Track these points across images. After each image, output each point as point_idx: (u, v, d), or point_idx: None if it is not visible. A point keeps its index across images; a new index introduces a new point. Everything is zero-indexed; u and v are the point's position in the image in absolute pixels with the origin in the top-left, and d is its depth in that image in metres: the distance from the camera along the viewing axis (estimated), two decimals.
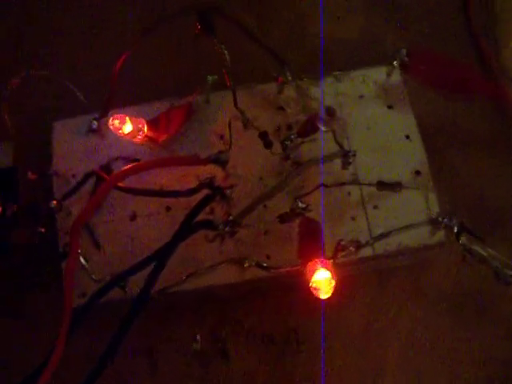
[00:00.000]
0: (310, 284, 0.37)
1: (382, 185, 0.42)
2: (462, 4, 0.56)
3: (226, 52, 0.41)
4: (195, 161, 0.40)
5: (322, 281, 0.37)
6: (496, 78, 0.52)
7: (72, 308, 0.37)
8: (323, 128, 0.41)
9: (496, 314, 0.46)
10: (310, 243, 0.39)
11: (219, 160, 0.42)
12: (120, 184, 0.40)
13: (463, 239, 0.41)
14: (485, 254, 0.40)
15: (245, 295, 0.46)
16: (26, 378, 0.36)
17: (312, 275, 0.37)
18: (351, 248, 0.41)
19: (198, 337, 0.45)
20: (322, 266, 0.37)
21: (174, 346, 0.46)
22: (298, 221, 0.42)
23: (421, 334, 0.46)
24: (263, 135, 0.43)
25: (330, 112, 0.40)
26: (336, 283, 0.37)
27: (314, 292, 0.37)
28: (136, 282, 0.40)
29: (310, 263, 0.37)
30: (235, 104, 0.42)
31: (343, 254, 0.41)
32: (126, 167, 0.38)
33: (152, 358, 0.45)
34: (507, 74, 0.52)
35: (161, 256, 0.38)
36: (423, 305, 0.46)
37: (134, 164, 0.38)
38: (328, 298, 0.38)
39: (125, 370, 0.41)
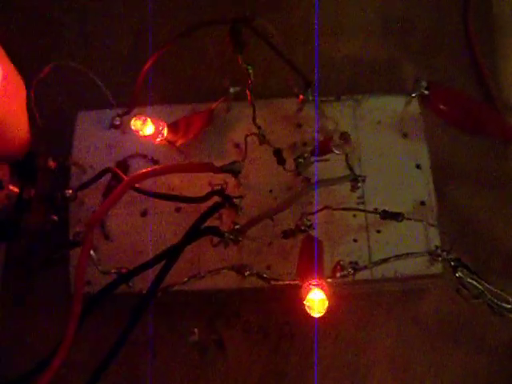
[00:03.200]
0: (305, 302, 0.38)
1: (385, 213, 0.43)
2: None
3: (251, 72, 0.43)
4: (210, 168, 0.42)
5: (316, 301, 0.38)
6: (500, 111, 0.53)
7: (81, 302, 0.38)
8: (336, 152, 0.42)
9: (487, 339, 0.47)
10: (310, 261, 0.40)
11: (232, 169, 0.43)
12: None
13: (459, 273, 0.42)
14: (480, 287, 0.42)
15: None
16: (33, 368, 0.38)
17: (307, 294, 0.38)
18: (349, 270, 0.43)
19: (196, 329, 0.47)
20: (317, 287, 0.38)
21: (172, 338, 0.47)
22: (301, 237, 0.43)
23: (404, 351, 0.47)
24: (277, 152, 0.44)
25: (344, 137, 0.41)
26: (330, 304, 0.38)
27: (307, 310, 0.38)
28: (140, 279, 0.42)
29: (306, 282, 0.38)
30: (254, 120, 0.43)
31: (341, 274, 0.43)
32: (144, 170, 0.40)
33: (151, 348, 0.47)
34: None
35: (168, 257, 0.40)
36: (409, 326, 0.48)
37: (152, 168, 0.39)
38: None
39: (124, 361, 0.42)
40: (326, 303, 0.38)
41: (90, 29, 0.57)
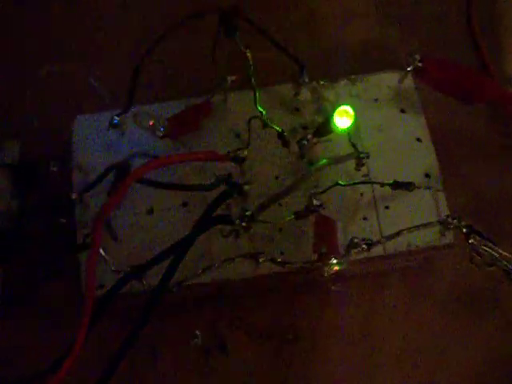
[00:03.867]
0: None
1: (396, 184, 0.43)
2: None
3: (249, 54, 0.43)
4: (214, 156, 0.42)
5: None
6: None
7: (93, 299, 0.38)
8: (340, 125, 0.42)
9: (504, 312, 0.47)
10: (325, 238, 0.40)
11: (237, 157, 0.43)
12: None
13: (472, 240, 0.42)
14: (494, 254, 0.42)
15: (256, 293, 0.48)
16: (46, 369, 0.37)
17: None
18: (363, 246, 0.43)
19: (198, 332, 0.46)
20: None
21: (175, 341, 0.47)
22: (312, 218, 0.43)
23: (418, 331, 0.47)
24: (281, 134, 0.44)
25: (345, 111, 0.42)
26: None
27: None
28: (154, 275, 0.41)
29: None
30: (255, 103, 0.43)
31: (355, 251, 0.42)
32: (148, 161, 0.39)
33: (153, 351, 0.46)
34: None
35: (180, 248, 0.39)
36: (423, 304, 0.48)
37: (156, 158, 0.39)
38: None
39: (124, 363, 0.41)
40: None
41: (87, 29, 0.57)
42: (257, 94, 0.43)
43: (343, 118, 0.43)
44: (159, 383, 0.46)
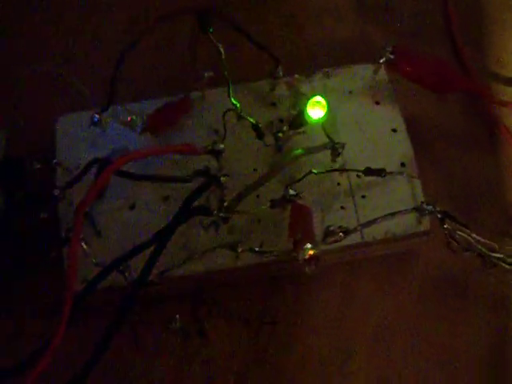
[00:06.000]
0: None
1: (368, 171, 0.44)
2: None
3: (221, 50, 0.44)
4: (191, 150, 0.43)
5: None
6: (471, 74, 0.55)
7: (73, 292, 0.39)
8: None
9: (478, 298, 0.48)
10: (301, 225, 0.41)
11: (214, 150, 0.44)
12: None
13: (447, 225, 0.43)
14: (469, 239, 0.43)
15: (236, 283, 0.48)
16: (23, 361, 0.37)
17: None
18: (340, 234, 0.43)
19: (177, 316, 0.47)
20: None
21: (155, 325, 0.47)
22: (289, 208, 0.44)
23: (393, 316, 0.47)
24: (256, 126, 0.45)
25: (317, 102, 0.43)
26: None
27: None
28: (136, 268, 0.42)
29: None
30: (229, 95, 0.45)
31: (332, 239, 0.43)
32: (126, 154, 0.41)
33: (133, 336, 0.47)
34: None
35: (160, 239, 0.40)
36: (400, 290, 0.48)
37: (134, 151, 0.40)
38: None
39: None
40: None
41: (67, 29, 0.58)
42: (230, 88, 0.45)
43: (316, 109, 0.44)
44: (140, 368, 0.46)
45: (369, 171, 0.44)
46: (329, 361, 0.46)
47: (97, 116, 0.47)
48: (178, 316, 0.46)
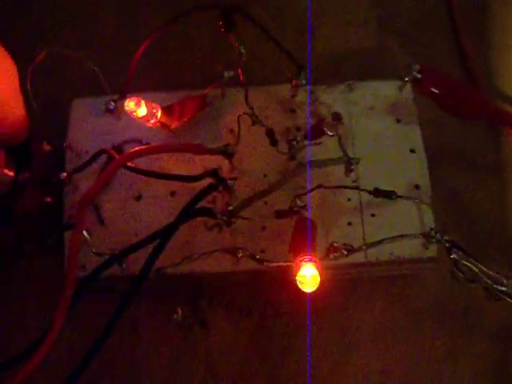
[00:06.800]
0: (296, 277, 0.38)
1: (377, 191, 0.43)
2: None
3: (243, 51, 0.43)
4: (203, 150, 0.42)
5: (308, 276, 0.38)
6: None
7: (74, 281, 0.39)
8: (329, 132, 0.42)
9: (479, 327, 0.47)
10: (302, 239, 0.40)
11: (226, 152, 0.43)
12: (129, 164, 0.42)
13: (454, 255, 0.42)
14: (476, 270, 0.42)
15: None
16: (23, 350, 0.38)
17: (298, 270, 0.38)
18: (343, 251, 0.43)
19: (179, 308, 0.47)
20: (310, 261, 0.38)
21: (156, 316, 0.48)
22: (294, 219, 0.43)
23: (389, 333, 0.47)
24: (270, 133, 0.44)
25: (336, 117, 0.42)
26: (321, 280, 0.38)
27: (299, 285, 0.38)
28: (134, 260, 0.42)
29: (298, 257, 0.38)
30: (246, 99, 0.44)
31: (335, 255, 0.42)
32: (136, 148, 0.40)
33: (134, 327, 0.47)
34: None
35: (162, 236, 0.40)
36: (398, 311, 0.48)
37: (145, 146, 0.40)
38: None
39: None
40: (318, 279, 0.38)
41: (83, 15, 0.58)
42: (249, 92, 0.44)
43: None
44: (141, 357, 0.47)
45: (378, 192, 0.43)
46: (331, 352, 0.46)
47: (112, 104, 0.46)
48: (179, 308, 0.46)
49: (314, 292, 0.39)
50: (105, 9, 0.58)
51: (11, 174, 0.44)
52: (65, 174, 0.45)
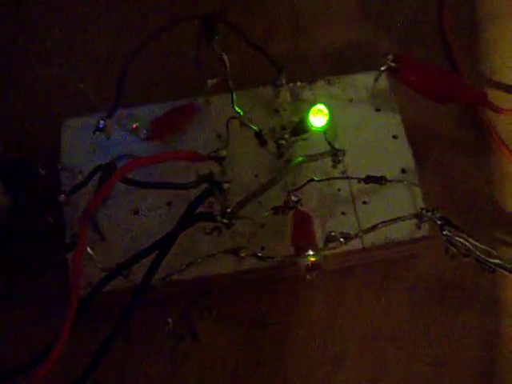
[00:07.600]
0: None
1: (369, 178, 0.45)
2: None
3: (225, 59, 0.45)
4: (195, 156, 0.43)
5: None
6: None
7: (78, 296, 0.39)
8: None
9: (473, 303, 0.49)
10: (302, 232, 0.42)
11: (217, 156, 0.45)
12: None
13: (446, 231, 0.44)
14: (468, 244, 0.43)
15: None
16: (25, 364, 0.38)
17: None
18: (341, 239, 0.44)
19: (170, 319, 0.47)
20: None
21: (148, 328, 0.48)
22: (291, 214, 0.45)
23: (385, 320, 0.48)
24: (258, 134, 0.46)
25: (319, 110, 0.44)
26: None
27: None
28: (139, 272, 0.43)
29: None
30: (232, 104, 0.45)
31: (333, 244, 0.44)
32: (132, 160, 0.41)
33: (127, 339, 0.48)
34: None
35: (163, 244, 0.41)
36: (394, 294, 0.49)
37: (140, 158, 0.41)
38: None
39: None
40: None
41: (73, 33, 0.59)
42: (234, 96, 0.45)
43: (318, 117, 0.45)
44: (133, 369, 0.47)
45: (369, 179, 0.45)
46: (321, 362, 0.46)
47: (102, 122, 0.47)
48: (170, 320, 0.47)
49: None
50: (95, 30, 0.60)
51: (7, 201, 0.44)
52: (63, 196, 0.45)
